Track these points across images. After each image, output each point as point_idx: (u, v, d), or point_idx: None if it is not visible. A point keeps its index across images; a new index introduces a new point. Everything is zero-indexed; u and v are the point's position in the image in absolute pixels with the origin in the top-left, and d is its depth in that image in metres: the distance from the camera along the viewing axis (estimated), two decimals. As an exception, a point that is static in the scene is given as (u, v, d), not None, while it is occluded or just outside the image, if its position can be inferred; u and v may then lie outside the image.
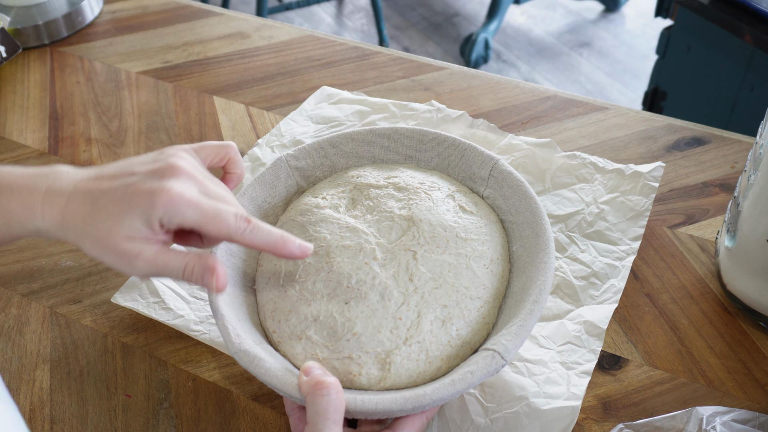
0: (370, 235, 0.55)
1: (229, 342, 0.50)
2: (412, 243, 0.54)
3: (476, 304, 0.53)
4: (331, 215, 0.57)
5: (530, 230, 0.57)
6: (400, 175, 0.61)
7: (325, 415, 0.44)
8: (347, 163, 0.64)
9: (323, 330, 0.51)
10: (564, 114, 0.85)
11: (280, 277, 0.55)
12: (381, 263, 0.53)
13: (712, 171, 0.76)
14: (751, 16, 1.30)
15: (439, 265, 0.53)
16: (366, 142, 0.64)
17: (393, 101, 0.84)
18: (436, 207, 0.57)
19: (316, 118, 0.84)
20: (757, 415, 0.52)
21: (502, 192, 0.60)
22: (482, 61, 2.45)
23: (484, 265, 0.55)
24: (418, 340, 0.50)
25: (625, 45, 2.55)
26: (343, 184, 0.60)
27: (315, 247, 0.54)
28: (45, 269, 0.69)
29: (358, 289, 0.52)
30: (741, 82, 1.38)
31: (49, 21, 1.01)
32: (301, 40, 1.00)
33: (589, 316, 0.61)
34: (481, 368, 0.48)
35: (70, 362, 0.61)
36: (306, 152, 0.63)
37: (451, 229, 0.55)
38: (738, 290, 0.62)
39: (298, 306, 0.52)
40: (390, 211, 0.56)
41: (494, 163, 0.61)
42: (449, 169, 0.64)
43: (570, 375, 0.57)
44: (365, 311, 0.51)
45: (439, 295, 0.52)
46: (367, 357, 0.50)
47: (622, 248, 0.67)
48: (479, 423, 0.54)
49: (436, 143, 0.64)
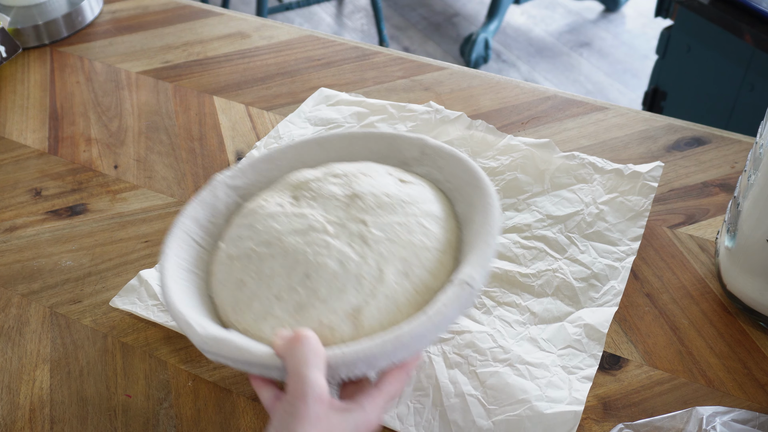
0: (318, 215, 0.56)
1: (194, 334, 0.50)
2: (361, 213, 0.55)
3: (434, 254, 0.54)
4: (277, 210, 0.57)
5: (470, 188, 0.59)
6: (336, 166, 0.62)
7: (306, 361, 0.45)
8: (281, 175, 0.65)
9: (288, 305, 0.51)
10: (564, 114, 0.85)
11: (234, 275, 0.55)
12: (334, 236, 0.54)
13: (712, 171, 0.76)
14: (751, 16, 1.30)
15: (390, 226, 0.54)
16: (297, 153, 0.66)
17: (391, 102, 0.84)
18: (376, 181, 0.58)
19: (314, 120, 0.83)
20: (757, 415, 0.52)
21: (437, 164, 0.63)
22: (482, 61, 2.45)
23: (434, 221, 0.56)
24: (385, 293, 0.51)
25: (625, 45, 2.55)
26: (281, 187, 0.61)
27: (266, 237, 0.55)
28: (45, 269, 0.69)
29: (316, 261, 0.52)
30: (741, 82, 1.38)
31: (49, 21, 1.01)
32: (301, 40, 1.00)
33: (590, 319, 0.61)
34: (452, 299, 0.49)
35: (70, 362, 0.61)
36: (241, 171, 0.64)
37: (395, 197, 0.57)
38: (738, 290, 0.62)
39: (258, 292, 0.53)
40: (333, 194, 0.57)
41: (422, 142, 0.63)
42: (382, 161, 0.65)
43: (571, 380, 0.57)
44: (327, 278, 0.51)
45: (396, 250, 0.53)
46: (337, 317, 0.50)
47: (622, 249, 0.67)
48: (481, 425, 0.54)
49: (364, 140, 0.65)
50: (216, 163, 0.80)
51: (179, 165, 0.81)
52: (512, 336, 0.60)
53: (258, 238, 0.55)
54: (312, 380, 0.44)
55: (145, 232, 0.73)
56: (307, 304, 0.51)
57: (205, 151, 0.82)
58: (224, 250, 0.57)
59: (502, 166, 0.75)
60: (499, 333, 0.60)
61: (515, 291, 0.64)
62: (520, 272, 0.65)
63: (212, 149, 0.83)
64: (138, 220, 0.74)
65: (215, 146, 0.83)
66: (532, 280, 0.64)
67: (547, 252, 0.67)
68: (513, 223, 0.70)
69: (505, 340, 0.60)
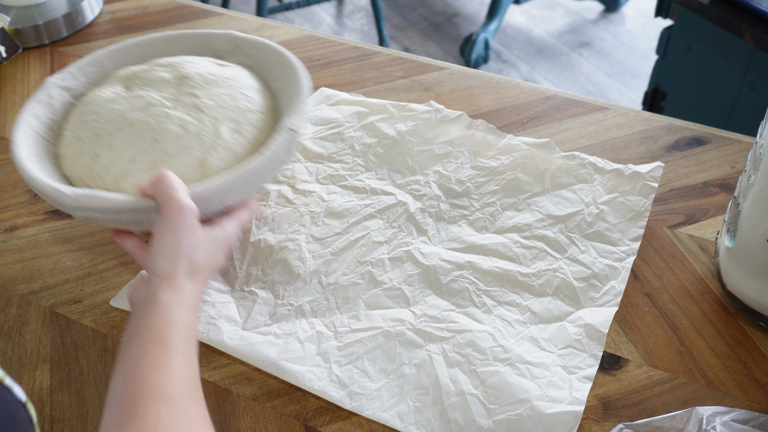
0: (154, 95, 0.64)
1: (63, 196, 0.56)
2: (191, 89, 0.65)
3: (258, 115, 0.66)
4: (114, 96, 0.65)
5: (279, 66, 0.71)
6: (160, 60, 0.70)
7: (174, 187, 0.54)
8: (108, 75, 0.73)
9: (143, 165, 0.60)
10: (564, 114, 0.85)
11: (87, 150, 0.62)
12: (171, 108, 0.63)
13: (712, 171, 0.76)
14: (751, 16, 1.30)
15: (218, 95, 0.65)
16: (120, 55, 0.74)
17: (391, 102, 0.84)
18: (199, 65, 0.68)
19: (314, 119, 0.83)
20: (757, 415, 0.52)
21: (247, 53, 0.74)
22: (482, 61, 2.45)
23: (254, 91, 0.68)
24: (223, 145, 0.62)
25: (625, 45, 2.54)
26: (111, 81, 0.68)
27: (110, 117, 0.63)
28: (45, 269, 0.69)
29: (161, 127, 0.61)
30: (741, 82, 1.38)
31: (49, 21, 1.01)
32: (301, 40, 1.00)
33: (590, 318, 0.61)
34: (282, 143, 0.61)
35: (70, 362, 0.61)
36: (71, 74, 0.71)
37: (218, 75, 0.67)
38: (738, 290, 0.62)
39: (113, 160, 0.61)
40: (162, 78, 0.66)
41: (232, 35, 0.74)
42: (199, 56, 0.73)
43: (572, 379, 0.57)
44: (173, 139, 0.61)
45: (227, 113, 0.64)
46: (187, 168, 0.60)
47: (622, 249, 0.67)
48: (482, 424, 0.54)
49: (180, 39, 0.75)
50: (216, 163, 0.80)
51: (179, 165, 0.81)
52: (513, 335, 0.60)
53: (103, 119, 0.63)
54: (183, 199, 0.53)
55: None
56: (159, 161, 0.60)
57: (205, 151, 0.82)
58: (71, 134, 0.64)
59: (503, 165, 0.75)
60: (499, 332, 0.60)
61: (515, 290, 0.64)
62: (521, 272, 0.65)
63: (212, 149, 0.83)
64: (138, 220, 0.74)
65: (215, 146, 0.83)
66: (533, 280, 0.64)
67: (548, 252, 0.67)
68: (513, 222, 0.70)
69: (506, 340, 0.60)
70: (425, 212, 0.72)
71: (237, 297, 0.65)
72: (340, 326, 0.62)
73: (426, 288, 0.65)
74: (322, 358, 0.59)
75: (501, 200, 0.72)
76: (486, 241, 0.68)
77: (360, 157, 0.78)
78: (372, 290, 0.65)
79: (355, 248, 0.68)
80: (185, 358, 0.47)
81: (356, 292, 0.65)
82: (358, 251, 0.68)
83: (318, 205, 0.72)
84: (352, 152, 0.79)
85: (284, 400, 0.58)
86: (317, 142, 0.80)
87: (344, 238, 0.69)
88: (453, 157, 0.77)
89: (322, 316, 0.63)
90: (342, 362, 0.59)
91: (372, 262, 0.67)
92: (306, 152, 0.79)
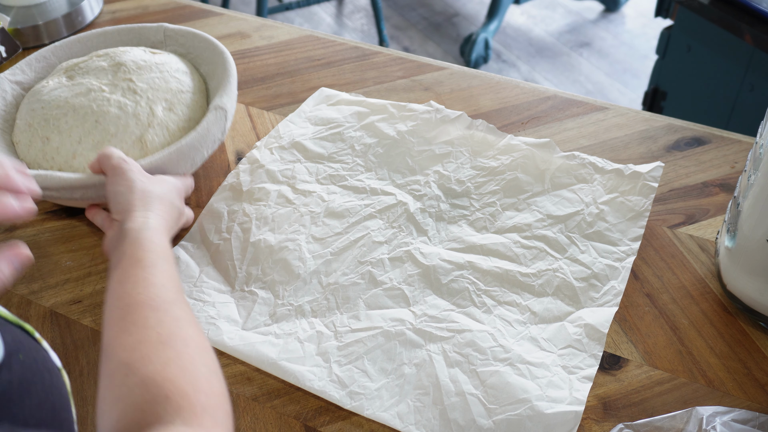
0: (93, 81, 0.73)
1: None
2: (126, 75, 0.73)
3: (188, 95, 0.74)
4: (58, 86, 0.73)
5: (208, 52, 0.81)
6: (96, 52, 0.78)
7: (121, 157, 0.62)
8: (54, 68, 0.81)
9: (88, 146, 0.69)
10: (564, 114, 0.85)
11: (38, 136, 0.70)
12: (109, 92, 0.71)
13: (712, 171, 0.76)
14: (751, 16, 1.30)
15: (151, 79, 0.74)
16: (64, 50, 0.82)
17: (391, 102, 0.84)
18: (132, 54, 0.76)
19: (314, 119, 0.83)
20: (757, 415, 0.52)
21: (178, 42, 0.83)
22: (482, 61, 2.45)
23: (184, 75, 0.76)
24: (158, 123, 0.71)
25: (625, 45, 2.54)
26: (55, 73, 0.77)
27: (56, 103, 0.71)
28: (45, 269, 0.69)
29: (101, 110, 0.70)
30: (741, 82, 1.38)
31: (49, 21, 1.01)
32: (301, 40, 1.00)
33: (590, 318, 0.61)
34: (213, 120, 0.70)
35: (70, 362, 0.61)
36: (20, 69, 0.79)
37: (150, 61, 0.76)
38: (738, 290, 0.61)
39: (63, 141, 0.69)
40: (100, 66, 0.75)
41: (163, 27, 0.83)
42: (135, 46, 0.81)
43: (572, 379, 0.56)
44: (113, 120, 0.70)
45: (160, 94, 0.73)
46: (127, 145, 0.70)
47: (622, 249, 0.67)
48: (482, 424, 0.54)
49: (117, 33, 0.83)
50: (216, 163, 0.80)
51: (179, 165, 0.81)
52: (513, 335, 0.60)
53: (49, 106, 0.71)
54: (128, 159, 0.62)
55: (145, 232, 0.73)
56: (102, 140, 0.69)
57: (205, 151, 0.82)
58: (23, 122, 0.72)
59: (503, 165, 0.75)
60: (499, 332, 0.60)
61: (515, 290, 0.64)
62: (521, 272, 0.65)
63: (212, 149, 0.83)
64: (138, 220, 0.74)
65: (215, 146, 0.83)
66: (533, 280, 0.64)
67: (548, 252, 0.67)
68: (513, 222, 0.70)
69: (506, 340, 0.60)
70: (425, 212, 0.72)
71: (237, 297, 0.65)
72: (340, 326, 0.62)
73: (426, 288, 0.65)
74: (322, 358, 0.59)
75: (501, 200, 0.72)
76: (486, 241, 0.68)
77: (360, 157, 0.78)
78: (372, 290, 0.65)
79: (355, 248, 0.68)
80: (162, 271, 0.52)
81: (356, 292, 0.65)
82: (358, 251, 0.68)
83: (318, 205, 0.72)
84: (352, 152, 0.79)
85: (284, 400, 0.58)
86: (317, 142, 0.80)
87: (344, 238, 0.69)
88: (453, 157, 0.77)
89: (322, 316, 0.63)
90: (342, 362, 0.59)
91: (372, 262, 0.67)
92: (306, 152, 0.79)
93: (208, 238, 0.71)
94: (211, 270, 0.68)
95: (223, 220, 0.72)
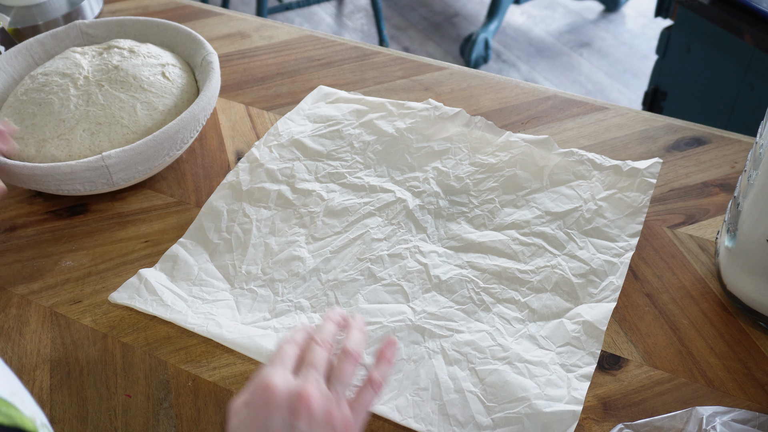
0: (84, 69, 0.77)
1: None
2: (106, 79, 0.76)
3: (124, 130, 0.74)
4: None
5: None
6: (120, 42, 0.82)
7: None
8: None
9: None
10: (564, 114, 0.85)
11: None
12: (82, 88, 0.75)
13: (712, 171, 0.76)
14: (751, 16, 1.30)
15: (113, 97, 0.75)
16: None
17: (390, 100, 0.84)
18: (141, 65, 0.78)
19: (313, 117, 0.83)
20: (757, 415, 0.52)
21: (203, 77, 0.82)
22: (482, 61, 2.45)
23: (148, 113, 0.75)
24: (68, 138, 0.72)
25: (625, 45, 2.54)
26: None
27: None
28: (45, 269, 0.69)
29: (47, 98, 0.75)
30: (741, 82, 1.38)
31: (49, 21, 1.00)
32: (301, 40, 1.00)
33: (588, 315, 0.61)
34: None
35: (70, 362, 0.61)
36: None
37: (141, 81, 0.77)
38: (738, 290, 0.61)
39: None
40: (112, 62, 0.78)
41: (204, 55, 0.82)
42: (175, 49, 0.85)
43: (570, 378, 0.56)
44: (49, 111, 0.74)
45: (100, 115, 0.74)
46: (33, 140, 0.73)
47: (621, 245, 0.67)
48: (480, 421, 0.54)
49: (161, 29, 0.86)
50: (216, 163, 0.80)
51: (179, 165, 0.81)
52: (511, 334, 0.60)
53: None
54: None
55: (145, 232, 0.73)
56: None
57: (205, 150, 0.82)
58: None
59: (501, 162, 0.75)
60: (498, 331, 0.60)
61: (514, 287, 0.64)
62: (519, 268, 0.65)
63: (212, 149, 0.83)
64: (138, 220, 0.74)
65: (215, 146, 0.83)
66: (531, 276, 0.64)
67: (546, 248, 0.67)
68: (512, 219, 0.70)
69: (504, 338, 0.60)
70: (424, 209, 0.72)
71: (236, 294, 0.65)
72: (340, 326, 0.62)
73: (425, 285, 0.65)
74: (322, 358, 0.59)
75: (500, 197, 0.72)
76: (484, 239, 0.68)
77: (359, 154, 0.78)
78: (371, 286, 0.65)
79: (354, 246, 0.68)
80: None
81: (355, 288, 0.65)
82: (357, 249, 0.68)
83: (317, 205, 0.72)
84: (351, 150, 0.79)
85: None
86: (316, 140, 0.80)
87: (344, 236, 0.69)
88: (452, 154, 0.77)
89: (321, 311, 0.63)
90: (342, 361, 0.59)
91: (371, 258, 0.67)
92: (305, 150, 0.79)
93: (208, 236, 0.71)
94: (210, 267, 0.68)
95: (222, 219, 0.72)
